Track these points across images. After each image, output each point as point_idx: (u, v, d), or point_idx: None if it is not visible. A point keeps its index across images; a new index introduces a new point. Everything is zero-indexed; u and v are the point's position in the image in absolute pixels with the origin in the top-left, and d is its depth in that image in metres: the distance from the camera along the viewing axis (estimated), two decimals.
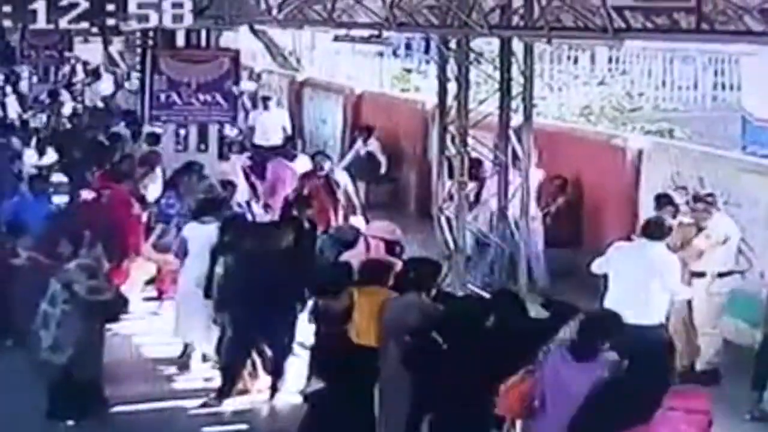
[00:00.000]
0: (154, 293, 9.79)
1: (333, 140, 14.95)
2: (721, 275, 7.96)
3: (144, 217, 9.81)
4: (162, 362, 8.63)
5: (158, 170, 11.08)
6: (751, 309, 8.38)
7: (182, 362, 8.50)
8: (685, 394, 4.98)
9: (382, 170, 13.17)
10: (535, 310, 6.32)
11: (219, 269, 7.97)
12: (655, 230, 7.37)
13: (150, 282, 9.75)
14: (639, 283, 7.11)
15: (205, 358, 8.48)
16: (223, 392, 7.81)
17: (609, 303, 7.02)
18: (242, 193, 10.76)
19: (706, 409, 4.87)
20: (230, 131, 13.30)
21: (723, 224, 8.05)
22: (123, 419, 7.55)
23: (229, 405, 7.79)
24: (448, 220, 9.53)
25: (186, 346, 8.51)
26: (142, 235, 9.48)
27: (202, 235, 8.35)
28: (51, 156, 12.24)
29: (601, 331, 5.43)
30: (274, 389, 7.87)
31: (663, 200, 8.34)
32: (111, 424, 7.46)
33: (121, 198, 9.65)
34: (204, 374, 8.33)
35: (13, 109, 16.79)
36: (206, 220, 8.45)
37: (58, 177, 10.62)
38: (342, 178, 10.80)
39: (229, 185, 10.03)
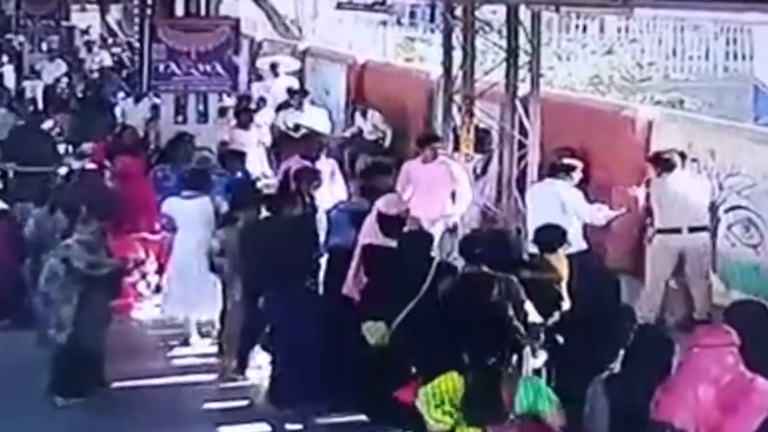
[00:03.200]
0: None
1: (336, 111, 14.73)
2: (659, 231, 8.23)
3: None
4: (163, 338, 8.53)
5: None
6: (762, 283, 8.26)
7: (183, 338, 8.38)
8: (704, 331, 4.87)
9: (387, 142, 12.93)
10: None
11: (215, 243, 7.87)
12: (557, 170, 8.35)
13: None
14: (549, 216, 7.81)
15: (202, 335, 8.36)
16: (242, 365, 7.76)
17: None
18: (257, 164, 10.55)
19: (728, 342, 4.72)
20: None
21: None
22: (125, 396, 7.47)
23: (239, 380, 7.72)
24: (453, 192, 9.38)
25: (186, 321, 8.40)
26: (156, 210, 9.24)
27: (188, 209, 8.22)
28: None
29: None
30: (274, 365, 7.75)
31: (655, 159, 8.49)
32: (113, 400, 7.38)
33: (132, 170, 9.47)
34: (205, 349, 8.23)
35: (9, 79, 16.63)
36: (190, 195, 8.30)
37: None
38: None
39: (239, 155, 9.78)
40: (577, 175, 8.41)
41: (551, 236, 6.81)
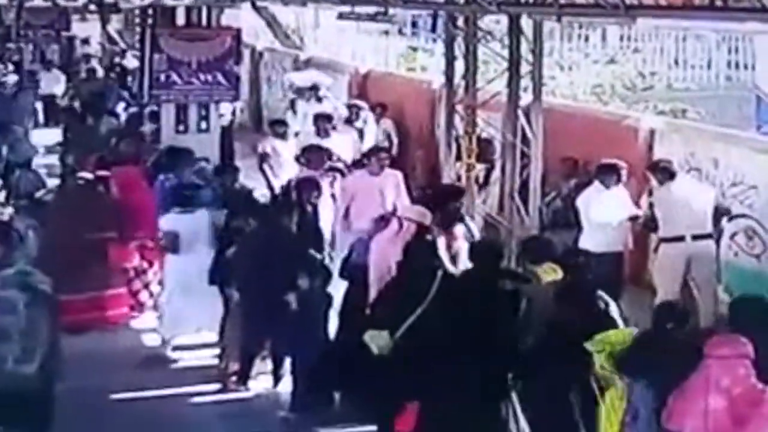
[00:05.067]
0: None
1: (338, 121, 14.72)
2: (663, 240, 8.24)
3: None
4: (162, 349, 8.44)
5: None
6: (765, 292, 8.20)
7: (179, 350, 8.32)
8: (718, 342, 4.85)
9: (394, 152, 12.84)
10: None
11: (229, 253, 7.81)
12: (599, 173, 8.46)
13: None
14: (588, 218, 8.30)
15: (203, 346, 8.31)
16: (243, 375, 7.71)
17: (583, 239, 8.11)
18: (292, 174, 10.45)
19: (741, 353, 4.72)
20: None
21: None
22: (124, 407, 7.41)
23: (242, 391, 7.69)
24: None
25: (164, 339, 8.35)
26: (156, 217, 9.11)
27: (191, 223, 8.18)
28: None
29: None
30: (276, 375, 7.72)
31: (654, 168, 8.54)
32: (111, 412, 7.28)
33: (130, 179, 9.42)
34: (204, 360, 8.18)
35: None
36: (190, 209, 8.29)
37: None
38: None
39: (233, 169, 9.75)
40: (616, 177, 8.45)
41: (537, 247, 6.81)
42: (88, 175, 9.60)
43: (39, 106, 16.34)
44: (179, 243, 8.19)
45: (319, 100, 13.27)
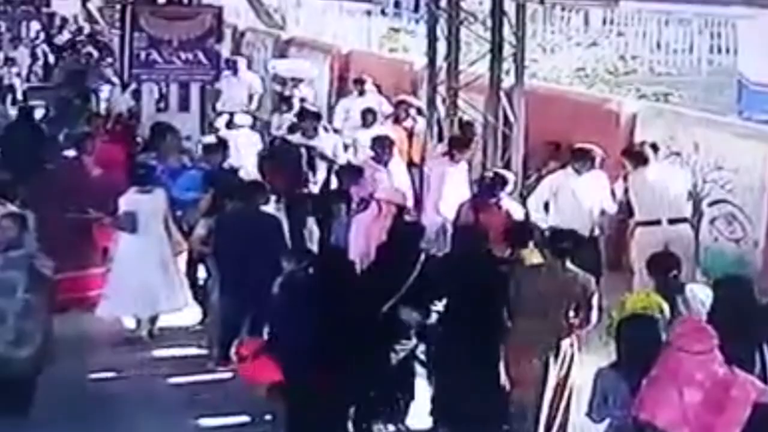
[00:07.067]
0: None
1: (319, 101, 14.66)
2: (639, 224, 8.22)
3: None
4: (141, 330, 8.37)
5: None
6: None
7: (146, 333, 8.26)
8: (689, 336, 4.78)
9: None
10: None
11: (201, 231, 7.79)
12: (573, 158, 8.38)
13: None
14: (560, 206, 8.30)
15: (151, 334, 8.26)
16: (222, 357, 7.65)
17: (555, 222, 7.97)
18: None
19: (713, 347, 4.70)
20: None
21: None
22: (103, 388, 7.38)
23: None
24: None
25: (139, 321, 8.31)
26: None
27: (149, 203, 8.14)
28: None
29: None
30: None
31: (628, 153, 8.52)
32: (90, 393, 7.25)
33: (112, 158, 9.33)
34: (185, 342, 8.15)
35: None
36: (145, 189, 8.24)
37: None
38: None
39: (221, 147, 9.61)
40: (589, 163, 8.39)
41: (518, 231, 6.84)
42: (72, 154, 9.53)
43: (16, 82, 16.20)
44: (137, 223, 8.11)
45: (361, 93, 12.55)
